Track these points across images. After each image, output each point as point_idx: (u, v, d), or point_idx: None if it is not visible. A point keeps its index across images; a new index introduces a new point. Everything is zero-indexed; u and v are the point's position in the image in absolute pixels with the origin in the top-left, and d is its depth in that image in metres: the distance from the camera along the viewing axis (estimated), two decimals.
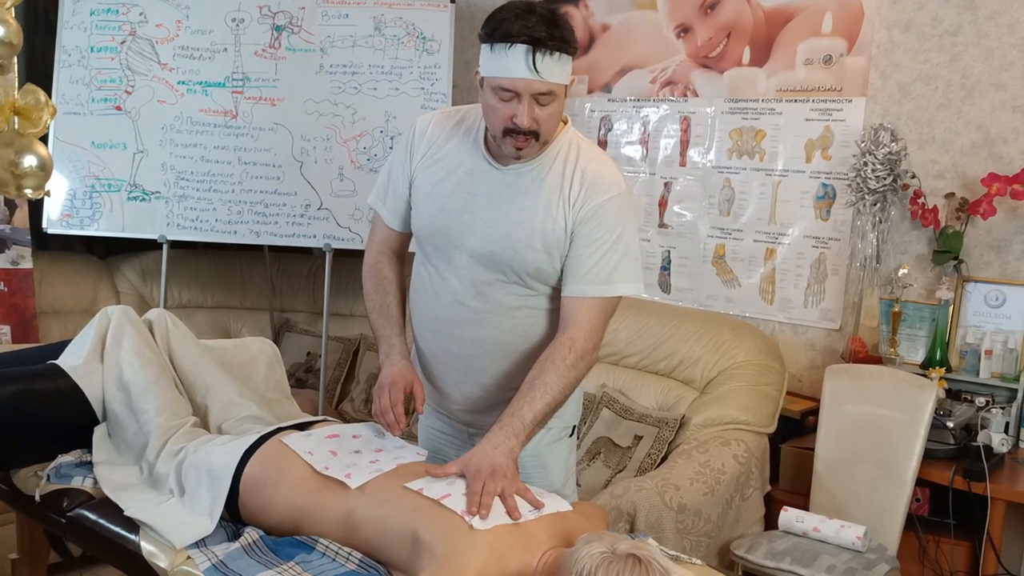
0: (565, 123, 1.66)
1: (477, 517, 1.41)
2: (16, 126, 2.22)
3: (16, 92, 2.25)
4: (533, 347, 1.68)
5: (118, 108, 3.27)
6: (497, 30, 1.50)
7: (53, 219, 3.25)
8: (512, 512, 1.45)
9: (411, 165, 1.71)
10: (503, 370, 1.71)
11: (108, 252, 3.77)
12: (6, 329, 3.14)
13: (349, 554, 1.47)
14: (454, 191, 1.66)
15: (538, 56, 1.47)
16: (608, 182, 1.62)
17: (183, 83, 3.29)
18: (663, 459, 2.64)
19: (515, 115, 1.51)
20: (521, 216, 1.61)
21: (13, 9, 2.21)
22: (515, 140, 1.54)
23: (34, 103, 2.24)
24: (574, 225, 1.60)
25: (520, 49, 1.48)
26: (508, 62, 1.49)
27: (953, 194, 2.72)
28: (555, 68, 1.50)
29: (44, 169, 2.28)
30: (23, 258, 3.20)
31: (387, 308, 1.77)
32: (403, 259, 1.85)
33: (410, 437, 1.89)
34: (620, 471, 2.70)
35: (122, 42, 3.28)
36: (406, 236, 1.81)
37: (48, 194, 2.46)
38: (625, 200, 1.64)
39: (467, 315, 1.68)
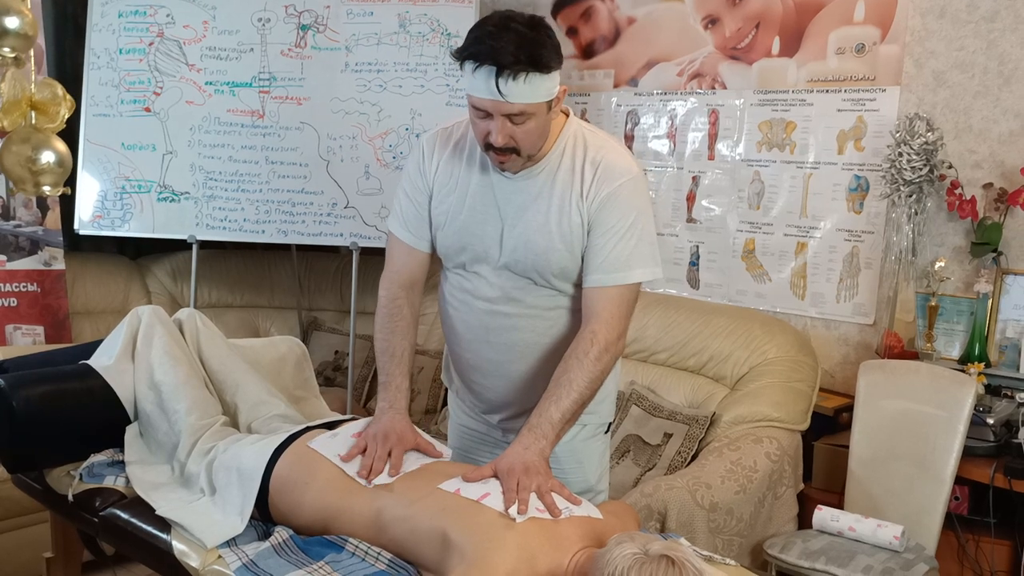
0: (567, 116, 1.64)
1: (515, 508, 1.40)
2: (33, 121, 2.22)
3: (33, 86, 2.25)
4: (562, 344, 1.67)
5: (147, 110, 3.30)
6: (464, 49, 1.48)
7: (84, 220, 3.29)
8: (551, 509, 1.43)
9: (427, 184, 1.69)
10: (540, 371, 1.69)
11: (139, 253, 3.81)
12: (39, 329, 3.18)
13: (379, 554, 1.47)
14: (472, 206, 1.64)
15: (501, 80, 1.45)
16: (619, 168, 1.60)
17: (210, 83, 3.31)
18: (693, 457, 2.61)
19: (489, 132, 1.51)
20: (538, 220, 1.60)
21: (28, 0, 2.21)
22: (496, 155, 1.54)
23: (51, 97, 2.24)
24: (590, 216, 1.59)
25: (484, 71, 1.46)
26: (475, 82, 1.48)
27: (991, 184, 2.65)
28: (524, 89, 1.46)
29: (62, 165, 2.28)
30: (55, 259, 3.24)
31: (400, 354, 1.69)
32: (421, 290, 1.77)
33: (439, 435, 1.88)
34: (650, 469, 2.67)
35: (150, 44, 3.31)
36: (430, 257, 1.76)
37: (68, 191, 2.46)
38: (638, 184, 1.62)
39: (501, 320, 1.67)
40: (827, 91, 3.01)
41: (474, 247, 1.65)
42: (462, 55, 1.49)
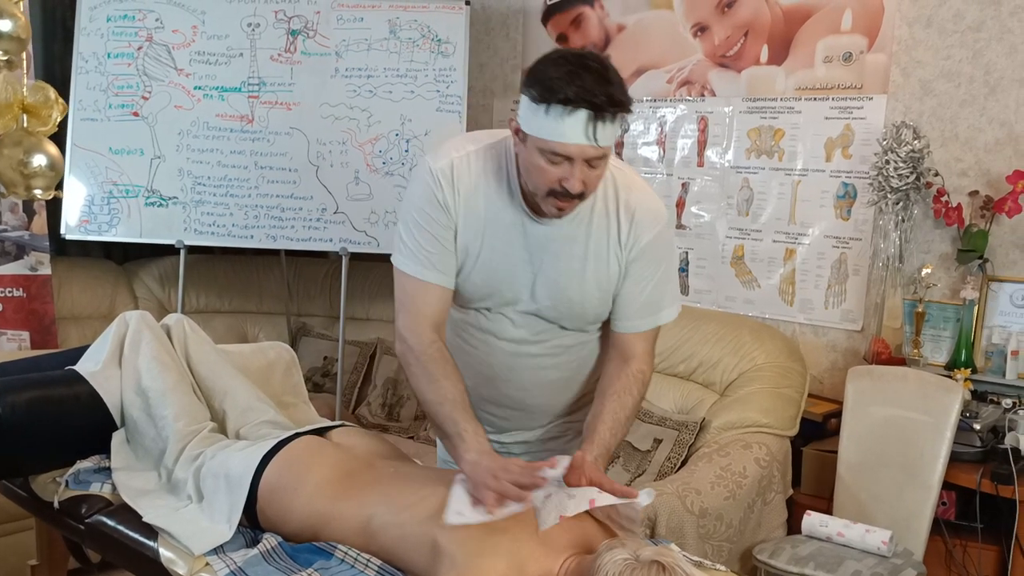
0: None
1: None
2: (25, 124, 2.21)
3: (25, 89, 2.24)
4: (589, 374, 1.69)
5: (135, 114, 3.29)
6: (551, 92, 1.35)
7: (71, 225, 3.27)
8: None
9: (451, 218, 1.52)
10: (560, 400, 1.70)
11: (126, 258, 3.79)
12: (25, 335, 3.16)
13: (368, 561, 1.46)
14: (502, 250, 1.53)
15: (599, 124, 1.36)
16: (654, 213, 1.57)
17: (199, 88, 3.30)
18: (683, 463, 2.61)
19: (564, 178, 1.40)
20: (573, 267, 1.54)
21: (22, 4, 2.20)
22: (559, 201, 1.44)
23: (43, 100, 2.23)
24: (627, 264, 1.56)
25: (580, 116, 1.35)
26: (563, 128, 1.36)
27: (977, 192, 2.67)
28: (611, 132, 1.39)
29: (54, 169, 2.27)
30: (42, 264, 3.22)
31: (460, 398, 1.50)
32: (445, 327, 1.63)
33: (429, 441, 1.87)
34: (639, 475, 2.67)
35: (139, 48, 3.30)
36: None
37: (59, 195, 2.46)
38: (669, 228, 1.63)
39: (526, 361, 1.64)
40: (815, 99, 3.03)
41: (502, 293, 1.56)
42: (546, 98, 1.36)
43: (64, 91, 3.16)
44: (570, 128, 1.36)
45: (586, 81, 1.35)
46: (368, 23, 3.33)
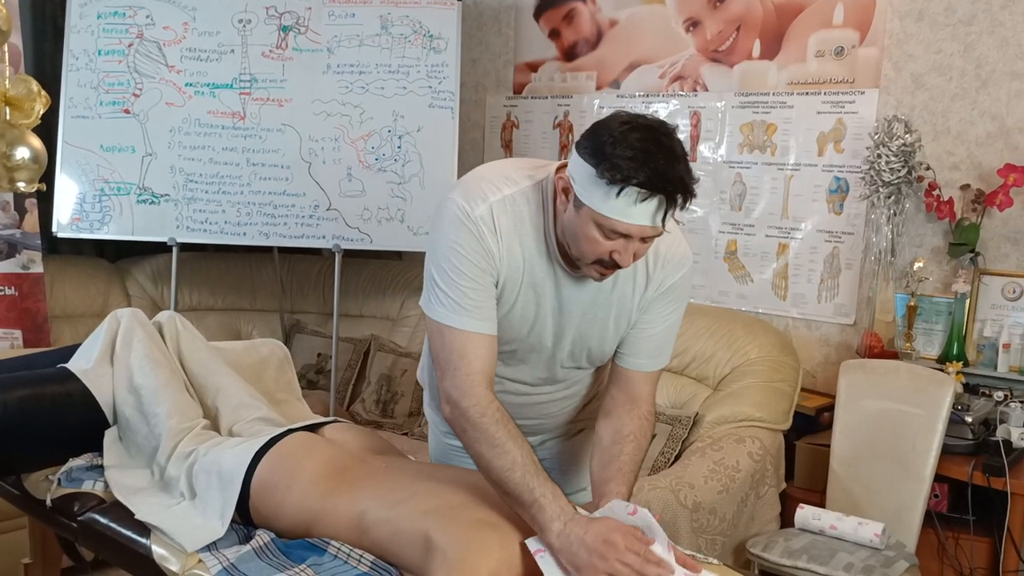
0: None
1: None
2: (7, 117, 2.20)
3: (7, 81, 2.22)
4: (591, 386, 1.69)
5: (126, 111, 3.28)
6: (623, 175, 1.27)
7: (63, 223, 3.26)
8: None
9: (494, 265, 1.42)
10: (565, 419, 1.71)
11: (118, 255, 3.78)
12: (17, 333, 3.15)
13: (361, 556, 1.46)
14: (536, 300, 1.48)
15: (670, 209, 1.31)
16: (679, 256, 1.53)
17: (191, 85, 3.29)
18: (677, 457, 2.62)
19: (617, 252, 1.35)
20: (599, 316, 1.51)
21: None
22: (602, 268, 1.39)
23: (26, 93, 2.21)
24: (647, 303, 1.52)
25: (653, 202, 1.29)
26: (632, 210, 1.29)
27: (969, 186, 2.68)
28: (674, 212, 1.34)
29: (37, 162, 2.26)
30: (33, 262, 3.21)
31: (531, 460, 1.38)
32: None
33: (422, 438, 1.87)
34: None
35: (129, 45, 3.28)
36: None
37: (43, 188, 2.44)
38: (692, 270, 1.58)
39: (536, 398, 1.63)
40: (807, 93, 3.03)
41: (528, 341, 1.52)
42: (623, 182, 1.27)
43: (54, 89, 3.15)
44: (640, 212, 1.30)
45: (658, 164, 1.28)
46: (360, 19, 3.32)
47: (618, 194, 1.28)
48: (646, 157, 1.28)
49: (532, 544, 1.37)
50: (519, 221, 1.43)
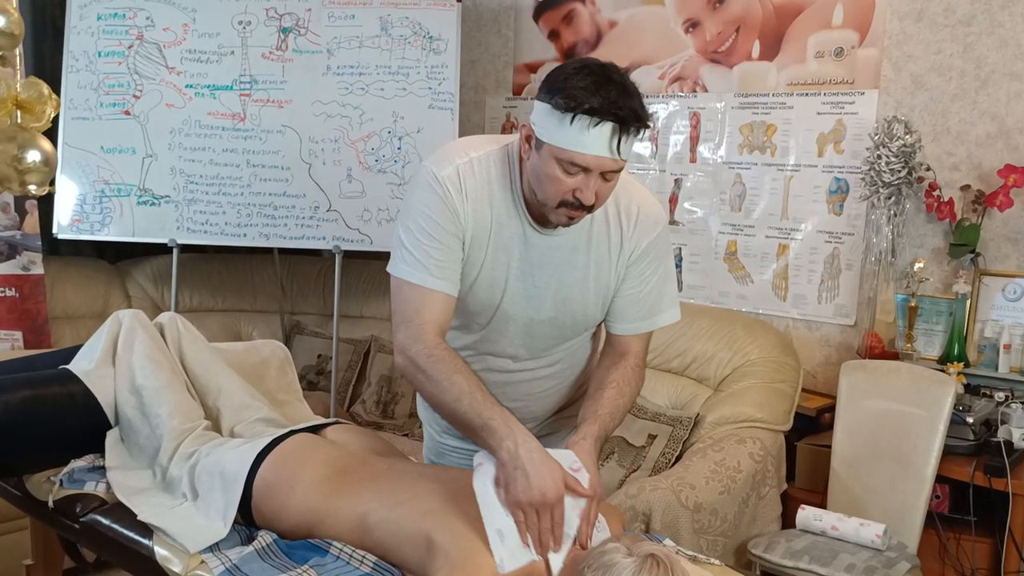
0: None
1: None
2: (19, 120, 2.20)
3: (18, 85, 2.23)
4: (581, 372, 1.70)
5: (127, 113, 3.28)
6: (577, 102, 1.33)
7: (63, 224, 3.25)
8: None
9: (460, 226, 1.47)
10: (554, 403, 1.71)
11: (119, 257, 3.78)
12: (18, 335, 3.15)
13: (363, 557, 1.46)
14: (505, 261, 1.50)
15: (622, 137, 1.35)
16: (653, 217, 1.56)
17: (191, 87, 3.29)
18: (678, 458, 2.62)
19: (579, 189, 1.38)
20: (575, 277, 1.53)
21: (14, 0, 2.20)
22: (569, 211, 1.42)
23: (37, 96, 2.22)
24: (626, 267, 1.56)
25: (605, 128, 1.33)
26: (586, 139, 1.34)
27: (969, 186, 2.68)
28: (631, 145, 1.39)
29: (48, 164, 2.26)
30: (34, 264, 3.21)
31: (478, 387, 1.41)
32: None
33: (423, 438, 1.87)
34: (634, 471, 2.68)
35: (129, 46, 3.28)
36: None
37: (53, 190, 2.45)
38: (667, 228, 1.61)
39: (521, 375, 1.64)
40: (807, 94, 3.04)
41: (502, 305, 1.53)
42: (570, 107, 1.33)
43: (55, 90, 3.15)
44: (593, 140, 1.34)
45: (611, 93, 1.33)
46: (359, 20, 3.33)
47: (571, 121, 1.34)
48: (597, 87, 1.33)
49: (478, 458, 1.40)
50: (487, 182, 1.48)
